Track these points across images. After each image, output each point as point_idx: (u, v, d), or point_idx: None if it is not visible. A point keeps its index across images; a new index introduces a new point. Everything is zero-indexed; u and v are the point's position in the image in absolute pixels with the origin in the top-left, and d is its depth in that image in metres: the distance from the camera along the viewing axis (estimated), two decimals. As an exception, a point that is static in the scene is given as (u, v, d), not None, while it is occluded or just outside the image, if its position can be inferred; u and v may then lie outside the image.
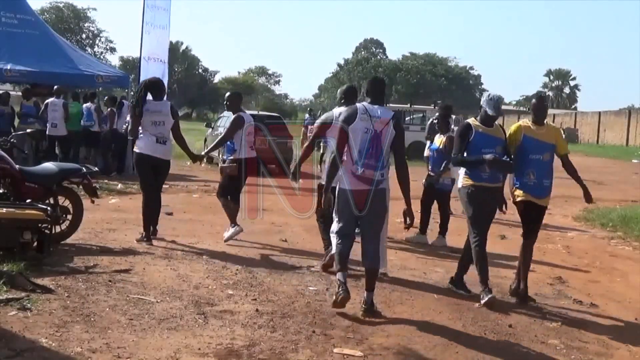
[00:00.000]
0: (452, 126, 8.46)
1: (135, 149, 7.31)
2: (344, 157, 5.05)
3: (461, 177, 5.75)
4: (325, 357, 4.10)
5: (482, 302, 5.44)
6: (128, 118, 11.04)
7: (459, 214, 10.69)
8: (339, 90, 6.63)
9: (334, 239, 5.23)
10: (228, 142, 7.54)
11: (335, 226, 5.20)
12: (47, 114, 13.23)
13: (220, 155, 8.43)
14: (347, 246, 5.19)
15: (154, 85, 7.32)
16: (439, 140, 8.25)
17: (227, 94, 8.02)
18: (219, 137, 7.85)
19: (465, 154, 5.66)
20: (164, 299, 5.01)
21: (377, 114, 5.04)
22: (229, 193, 7.53)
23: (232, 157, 7.48)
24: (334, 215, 5.23)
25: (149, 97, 7.18)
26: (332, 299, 5.08)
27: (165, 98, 7.58)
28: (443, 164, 7.99)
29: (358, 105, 5.16)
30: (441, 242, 8.02)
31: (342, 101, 6.39)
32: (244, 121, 7.42)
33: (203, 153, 7.83)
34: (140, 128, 7.12)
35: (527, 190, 5.71)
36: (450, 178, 8.11)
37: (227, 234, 7.41)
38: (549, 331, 4.95)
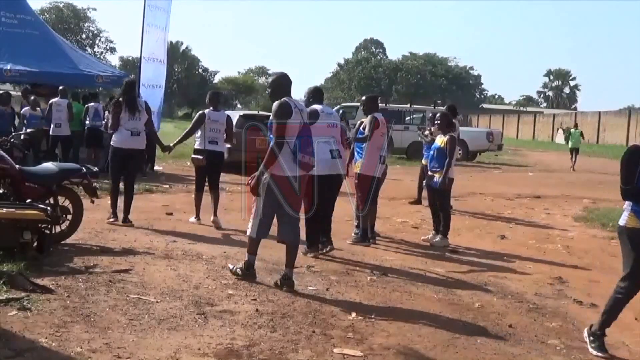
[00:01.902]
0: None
1: (112, 143, 8.18)
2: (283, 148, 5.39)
3: (626, 214, 4.62)
4: (325, 357, 4.09)
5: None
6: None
7: (460, 214, 10.72)
8: (306, 90, 7.22)
9: (256, 222, 5.56)
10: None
11: (261, 210, 5.51)
12: (52, 114, 13.21)
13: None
14: (267, 232, 5.66)
15: (133, 86, 8.37)
16: (440, 140, 8.24)
17: (209, 92, 8.98)
18: (185, 130, 8.85)
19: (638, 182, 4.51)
20: (164, 299, 5.01)
21: (301, 106, 5.61)
22: (203, 185, 8.56)
23: (197, 149, 8.46)
24: (262, 201, 5.49)
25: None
26: (237, 269, 5.70)
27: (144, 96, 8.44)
28: (445, 165, 8.03)
29: (287, 99, 5.45)
30: (443, 243, 8.01)
31: (311, 100, 7.09)
32: (205, 117, 8.33)
33: (172, 144, 8.67)
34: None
35: None
36: (449, 178, 8.08)
37: (190, 219, 8.56)
38: (549, 331, 4.95)
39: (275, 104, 5.41)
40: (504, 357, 4.36)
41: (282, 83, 5.58)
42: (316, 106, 6.99)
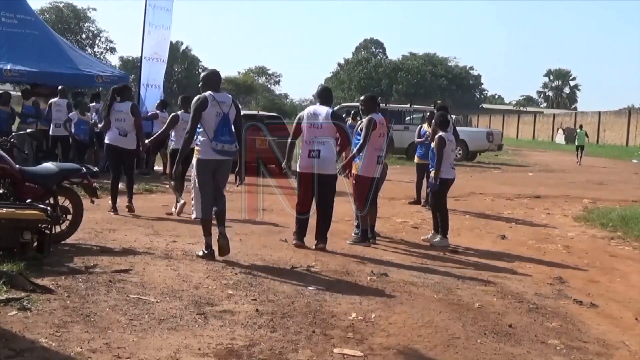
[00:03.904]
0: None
1: (105, 140, 9.23)
2: (204, 134, 6.32)
3: None
4: (325, 357, 4.09)
5: None
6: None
7: (460, 214, 10.72)
8: (316, 91, 7.68)
9: (199, 205, 6.46)
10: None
11: (199, 193, 6.47)
12: (52, 114, 13.19)
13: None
14: (212, 211, 6.46)
15: (120, 91, 9.30)
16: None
17: (181, 96, 10.03)
18: (160, 131, 9.90)
19: None
20: (164, 299, 5.01)
21: (222, 99, 6.36)
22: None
23: (173, 147, 9.39)
24: (196, 182, 6.50)
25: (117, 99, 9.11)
26: (200, 253, 6.42)
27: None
28: (434, 164, 8.04)
29: (206, 94, 6.34)
30: (442, 243, 8.00)
31: (318, 101, 7.51)
32: (179, 119, 9.33)
33: (147, 142, 9.43)
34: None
35: None
36: (440, 177, 8.06)
37: (174, 209, 9.24)
38: (549, 331, 4.95)
39: (195, 97, 6.43)
40: (504, 357, 4.35)
41: (209, 79, 6.49)
42: (308, 108, 7.50)
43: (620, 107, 54.48)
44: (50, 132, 13.21)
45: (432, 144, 8.27)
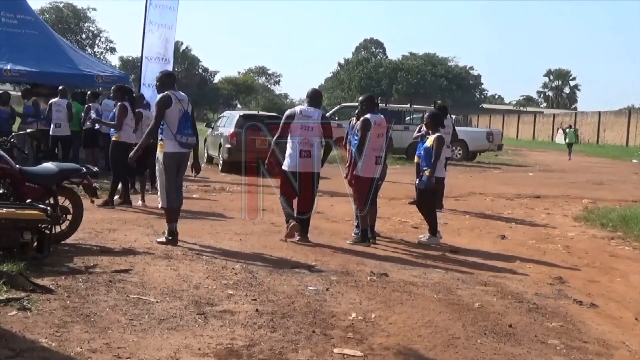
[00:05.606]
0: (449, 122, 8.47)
1: (114, 138, 9.70)
2: (169, 130, 6.85)
3: None
4: (325, 357, 4.09)
5: None
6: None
7: (460, 214, 10.73)
8: (307, 93, 7.89)
9: (165, 195, 6.97)
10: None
11: (165, 184, 6.95)
12: (52, 114, 13.17)
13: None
14: (176, 201, 7.08)
15: (130, 91, 10.35)
16: (429, 139, 8.19)
17: (138, 95, 11.09)
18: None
19: None
20: (164, 299, 5.01)
21: (181, 97, 6.98)
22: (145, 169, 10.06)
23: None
24: (162, 174, 6.97)
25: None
26: (162, 239, 6.95)
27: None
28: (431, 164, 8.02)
29: (168, 93, 6.91)
30: (432, 241, 7.95)
31: (307, 102, 7.75)
32: (143, 115, 9.97)
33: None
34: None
35: None
36: (438, 177, 8.05)
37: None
38: (549, 331, 4.95)
39: (158, 96, 6.98)
40: (504, 357, 4.35)
41: (165, 79, 7.09)
42: (297, 108, 7.81)
43: (620, 107, 54.57)
44: (51, 132, 13.20)
45: (427, 143, 8.21)
